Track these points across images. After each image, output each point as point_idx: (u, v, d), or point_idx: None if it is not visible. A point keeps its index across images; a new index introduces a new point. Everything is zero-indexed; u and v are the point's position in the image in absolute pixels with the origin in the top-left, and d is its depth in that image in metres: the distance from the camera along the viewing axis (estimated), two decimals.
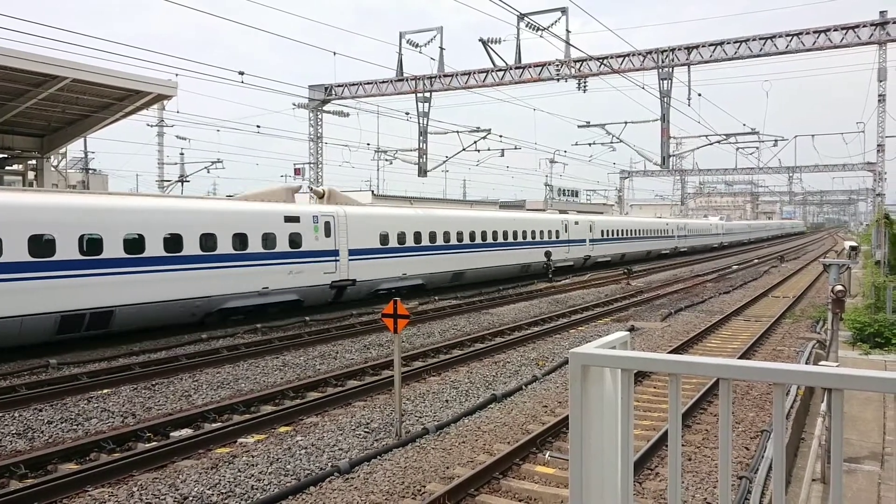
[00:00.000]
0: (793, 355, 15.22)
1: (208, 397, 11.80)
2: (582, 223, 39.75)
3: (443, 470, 8.24)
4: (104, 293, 15.78)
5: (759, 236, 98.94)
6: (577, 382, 1.91)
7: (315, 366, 14.31)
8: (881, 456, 8.88)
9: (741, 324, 19.84)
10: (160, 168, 48.44)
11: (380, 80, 31.44)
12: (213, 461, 8.55)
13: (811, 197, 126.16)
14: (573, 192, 72.27)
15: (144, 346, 16.13)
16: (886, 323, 17.25)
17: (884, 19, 23.70)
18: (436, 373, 13.57)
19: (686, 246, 61.71)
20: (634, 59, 26.62)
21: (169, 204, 17.99)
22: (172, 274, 17.14)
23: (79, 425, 10.18)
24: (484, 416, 10.53)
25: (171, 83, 24.74)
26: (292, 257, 20.31)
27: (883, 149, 39.97)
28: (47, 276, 14.81)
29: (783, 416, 1.74)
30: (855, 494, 7.52)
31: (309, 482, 7.73)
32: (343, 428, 9.86)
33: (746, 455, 8.69)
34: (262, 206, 20.22)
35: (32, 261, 14.60)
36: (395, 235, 24.51)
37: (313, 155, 34.19)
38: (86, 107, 24.76)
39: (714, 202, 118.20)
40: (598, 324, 20.12)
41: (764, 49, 24.77)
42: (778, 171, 64.63)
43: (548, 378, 13.09)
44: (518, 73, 28.31)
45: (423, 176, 33.04)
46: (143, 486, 7.70)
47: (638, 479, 7.89)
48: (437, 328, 18.89)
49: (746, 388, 11.92)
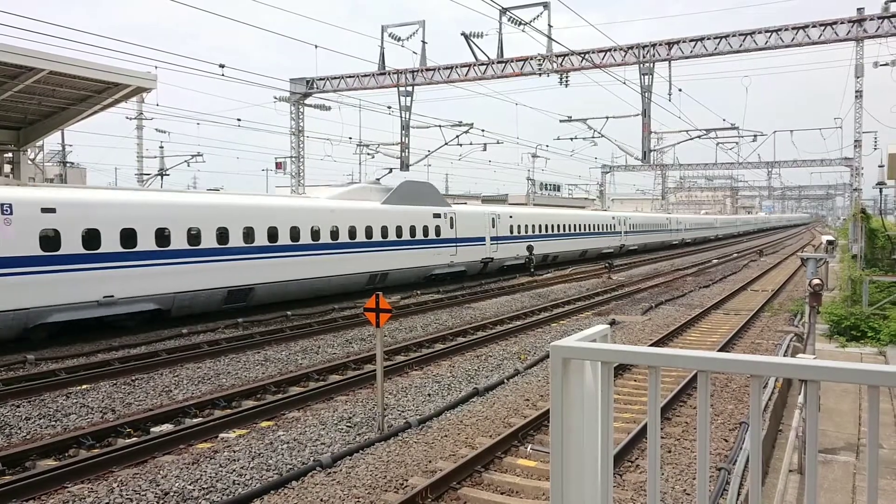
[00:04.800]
0: (771, 348, 15.40)
1: (189, 392, 11.73)
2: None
3: (425, 464, 8.26)
4: (254, 272, 19.68)
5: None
6: (558, 376, 1.92)
7: (297, 360, 14.27)
8: (857, 446, 9.02)
9: (720, 317, 20.03)
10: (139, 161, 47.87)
11: (362, 74, 31.32)
12: (194, 456, 8.50)
13: (790, 192, 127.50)
14: (555, 186, 72.56)
15: (123, 341, 15.99)
16: (862, 316, 17.51)
17: (861, 16, 23.97)
18: (418, 367, 13.59)
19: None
20: (616, 55, 26.73)
21: (291, 203, 22.26)
22: (293, 259, 21.20)
23: (57, 421, 10.08)
24: (466, 410, 10.56)
25: (151, 76, 24.45)
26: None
27: (860, 144, 40.45)
28: (223, 259, 18.96)
29: (760, 408, 1.76)
30: (831, 485, 7.64)
31: (291, 477, 7.71)
32: (325, 422, 9.84)
33: (725, 447, 8.79)
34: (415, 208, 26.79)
35: (217, 247, 18.86)
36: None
37: (294, 149, 34.00)
38: (63, 99, 24.42)
39: (694, 196, 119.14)
40: (579, 317, 20.22)
41: (743, 45, 24.96)
42: (757, 167, 65.15)
43: (530, 371, 13.15)
44: (500, 67, 28.32)
45: (406, 170, 32.99)
46: (123, 482, 7.64)
47: (618, 471, 7.96)
48: (420, 322, 18.90)
49: (725, 381, 12.05)
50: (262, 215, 20.46)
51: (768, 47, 24.69)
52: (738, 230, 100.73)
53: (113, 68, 23.10)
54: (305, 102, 33.99)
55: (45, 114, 26.06)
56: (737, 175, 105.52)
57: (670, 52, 25.94)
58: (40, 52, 20.44)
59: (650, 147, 27.72)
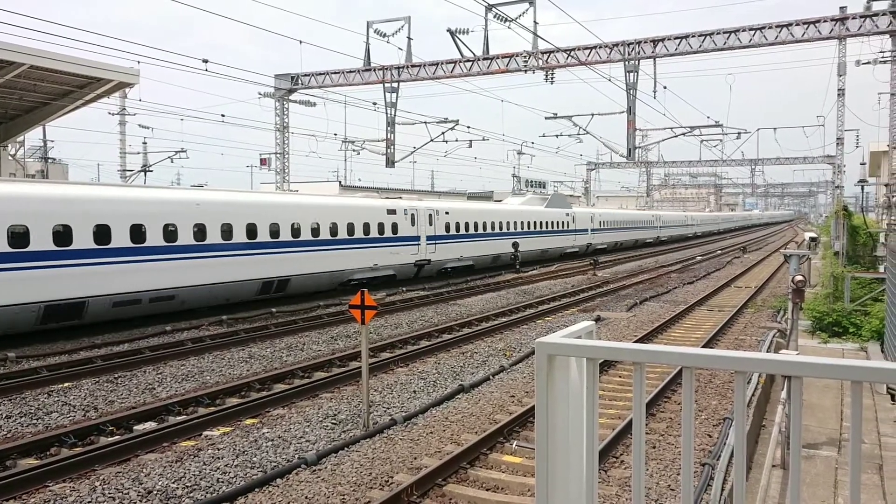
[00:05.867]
0: (754, 344, 15.52)
1: (173, 390, 11.65)
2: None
3: (410, 460, 8.25)
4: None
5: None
6: (543, 372, 1.91)
7: (282, 357, 14.21)
8: (838, 442, 9.11)
9: (704, 313, 20.17)
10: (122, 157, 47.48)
11: (347, 70, 31.18)
12: (177, 454, 8.44)
13: (773, 189, 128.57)
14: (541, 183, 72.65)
15: (106, 338, 15.85)
16: (844, 312, 17.69)
17: (843, 15, 24.17)
18: (404, 364, 13.57)
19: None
20: (601, 52, 26.80)
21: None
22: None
23: (39, 419, 9.97)
24: (452, 407, 10.56)
25: (133, 70, 24.25)
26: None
27: (842, 142, 40.89)
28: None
29: (744, 404, 1.77)
30: (813, 479, 7.72)
31: (276, 474, 7.68)
32: (310, 420, 9.81)
33: (709, 442, 8.85)
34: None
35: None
36: None
37: (279, 145, 33.81)
38: (44, 94, 24.17)
39: (679, 194, 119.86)
40: (564, 314, 20.29)
41: (728, 43, 25.10)
42: (741, 164, 65.65)
43: (515, 368, 13.18)
44: (486, 64, 28.30)
45: (391, 167, 32.91)
46: (105, 481, 7.57)
47: (603, 466, 7.99)
48: (405, 319, 18.88)
49: (709, 377, 12.13)
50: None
51: (752, 45, 24.85)
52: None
53: (95, 63, 22.87)
54: (290, 98, 33.81)
55: (26, 109, 25.77)
56: (721, 172, 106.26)
57: (655, 50, 26.04)
58: (21, 46, 20.19)
59: (635, 144, 27.82)
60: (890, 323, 14.23)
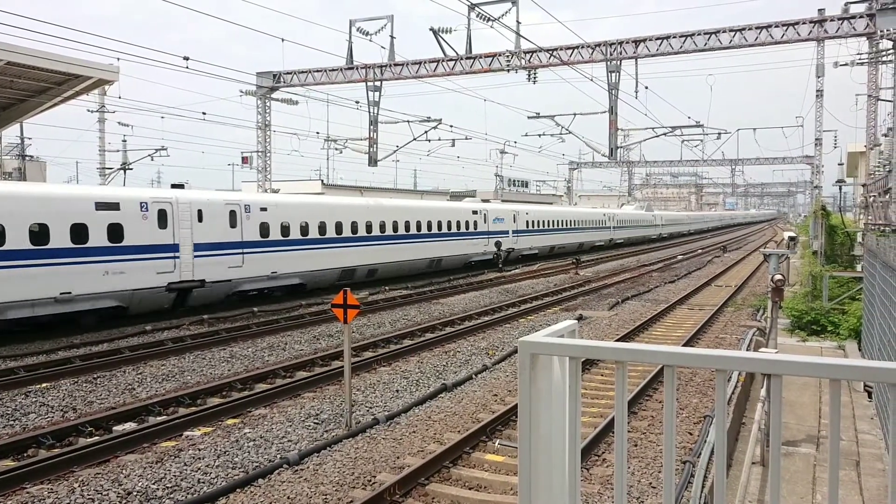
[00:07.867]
0: (734, 342, 15.66)
1: (153, 390, 11.55)
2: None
3: (393, 460, 8.24)
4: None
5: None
6: (525, 371, 1.92)
7: (263, 357, 14.13)
8: (817, 439, 9.22)
9: (685, 312, 20.32)
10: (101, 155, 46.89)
11: (329, 68, 31.04)
12: (158, 455, 8.37)
13: (753, 189, 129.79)
14: (523, 182, 72.86)
15: (85, 338, 15.68)
16: (823, 311, 17.90)
17: (822, 17, 24.43)
18: (386, 363, 13.55)
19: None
20: (583, 52, 26.88)
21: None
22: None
23: (16, 420, 9.85)
24: (434, 406, 10.56)
25: (113, 67, 23.97)
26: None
27: (820, 142, 41.37)
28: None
29: (725, 402, 1.78)
30: (793, 476, 7.80)
31: (257, 475, 7.64)
32: (292, 419, 9.76)
33: (690, 440, 8.92)
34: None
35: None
36: None
37: (261, 143, 33.60)
38: (21, 91, 23.82)
39: (660, 193, 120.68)
40: (547, 313, 20.35)
41: (708, 44, 25.28)
42: (721, 164, 66.19)
43: (498, 367, 13.20)
44: (469, 63, 28.29)
45: (374, 165, 32.81)
46: (84, 482, 7.49)
47: (585, 465, 8.03)
48: (388, 318, 18.85)
49: (690, 375, 12.22)
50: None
51: (732, 46, 25.04)
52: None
53: (73, 59, 22.59)
54: (272, 97, 33.60)
55: (2, 105, 25.40)
56: (701, 172, 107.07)
57: (637, 50, 26.17)
58: None
59: (617, 144, 27.96)
60: (867, 321, 14.42)
